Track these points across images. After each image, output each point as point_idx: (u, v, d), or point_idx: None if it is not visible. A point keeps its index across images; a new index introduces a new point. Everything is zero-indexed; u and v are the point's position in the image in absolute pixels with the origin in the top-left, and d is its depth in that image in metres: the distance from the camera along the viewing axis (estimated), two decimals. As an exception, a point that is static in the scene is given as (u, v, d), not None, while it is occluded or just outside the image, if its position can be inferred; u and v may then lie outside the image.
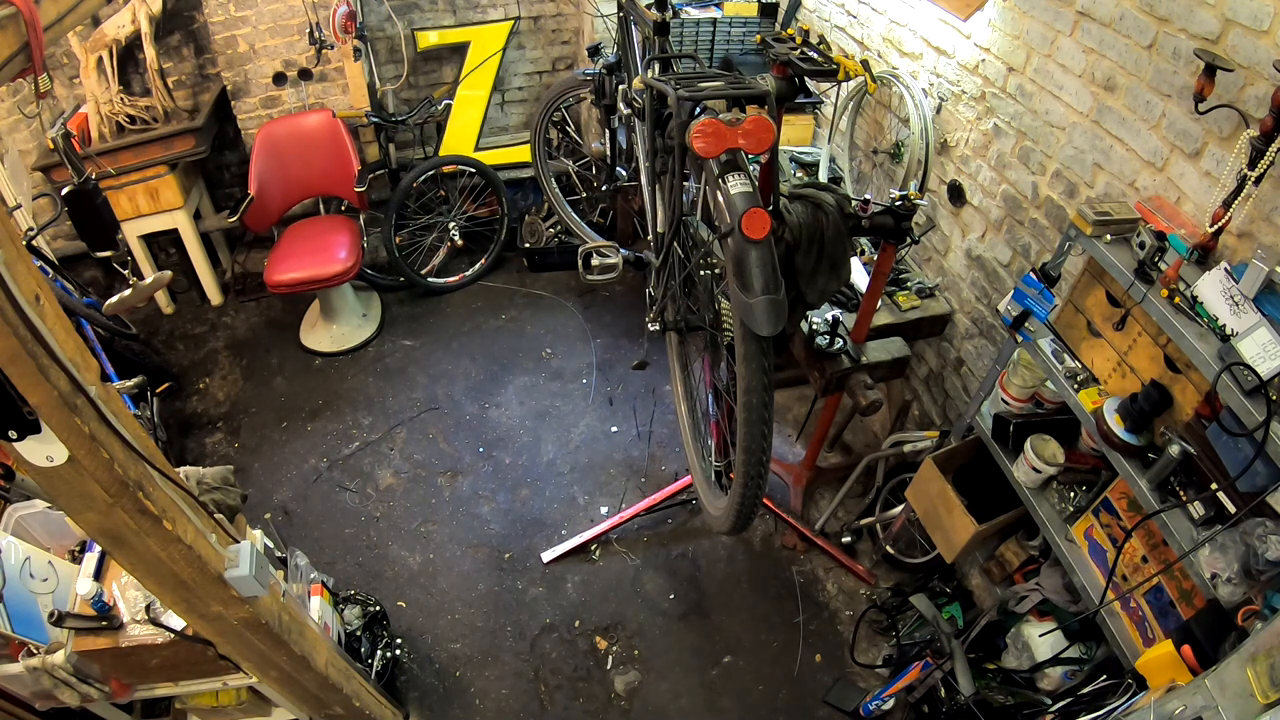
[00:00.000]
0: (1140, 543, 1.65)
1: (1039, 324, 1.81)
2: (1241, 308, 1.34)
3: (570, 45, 3.99)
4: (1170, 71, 1.60)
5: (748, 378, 1.55)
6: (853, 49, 2.86)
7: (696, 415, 2.52)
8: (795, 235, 1.84)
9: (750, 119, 1.50)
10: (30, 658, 1.59)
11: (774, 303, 1.45)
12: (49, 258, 2.80)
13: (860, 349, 2.22)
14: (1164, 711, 1.12)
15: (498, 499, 2.89)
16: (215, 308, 3.75)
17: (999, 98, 2.14)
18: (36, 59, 0.84)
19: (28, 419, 0.92)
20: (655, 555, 2.72)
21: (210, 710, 1.90)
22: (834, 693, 2.32)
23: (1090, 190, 1.89)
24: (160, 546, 1.17)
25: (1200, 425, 1.45)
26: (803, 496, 2.83)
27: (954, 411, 2.58)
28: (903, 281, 2.52)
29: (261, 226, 3.42)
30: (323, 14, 3.19)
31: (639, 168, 2.63)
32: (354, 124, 3.51)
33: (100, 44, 3.03)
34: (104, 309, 2.12)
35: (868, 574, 2.62)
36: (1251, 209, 1.45)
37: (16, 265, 0.86)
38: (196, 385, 3.38)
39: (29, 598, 1.62)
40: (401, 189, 3.53)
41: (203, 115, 3.29)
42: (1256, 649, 1.02)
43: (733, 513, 1.87)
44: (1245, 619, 1.30)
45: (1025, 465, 1.85)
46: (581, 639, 2.48)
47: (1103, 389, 1.72)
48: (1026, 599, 2.02)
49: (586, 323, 3.68)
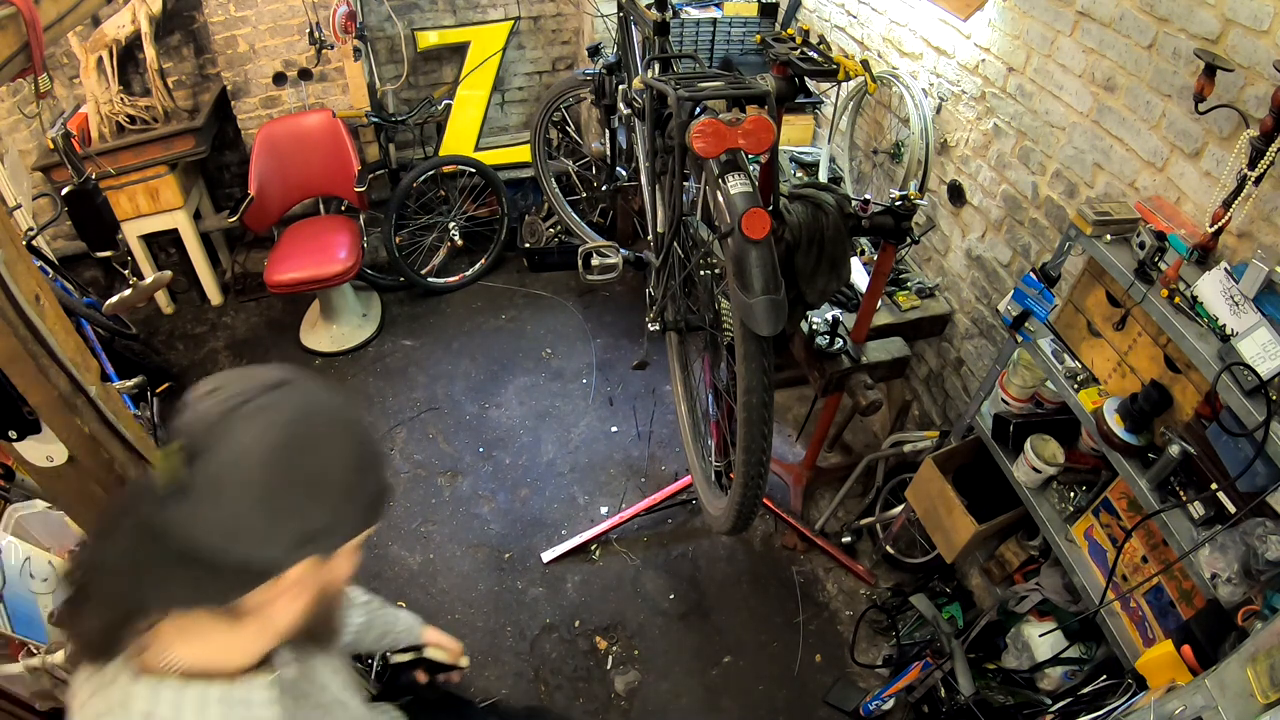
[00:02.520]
0: (1140, 543, 1.65)
1: (1039, 324, 1.81)
2: (1241, 308, 1.34)
3: (570, 45, 3.99)
4: (1170, 71, 1.60)
5: (748, 378, 1.55)
6: (853, 49, 2.86)
7: (696, 415, 2.52)
8: (795, 235, 1.84)
9: (750, 119, 1.50)
10: (30, 658, 1.59)
11: (774, 303, 1.45)
12: (49, 258, 2.80)
13: (860, 349, 2.22)
14: (1164, 711, 1.12)
15: (498, 499, 2.89)
16: (215, 308, 3.75)
17: (999, 98, 2.14)
18: (36, 59, 0.84)
19: (28, 419, 0.92)
20: (655, 555, 2.72)
21: (210, 710, 1.90)
22: (834, 693, 2.32)
23: (1090, 190, 1.89)
24: (160, 546, 1.17)
25: (1200, 425, 1.45)
26: (803, 496, 2.83)
27: (954, 411, 2.58)
28: (903, 281, 2.52)
29: (261, 226, 3.42)
30: (323, 14, 3.19)
31: (639, 168, 2.63)
32: (354, 124, 3.51)
33: (100, 44, 3.03)
34: (104, 309, 2.12)
35: (868, 574, 2.62)
36: (1251, 209, 1.45)
37: (16, 265, 0.86)
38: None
39: (29, 598, 1.62)
40: (401, 189, 3.53)
41: (203, 115, 3.29)
42: (1256, 649, 1.02)
43: (733, 513, 1.87)
44: (1245, 619, 1.30)
45: (1025, 465, 1.84)
46: (581, 639, 2.48)
47: (1103, 389, 1.72)
48: (1026, 599, 2.02)
49: (586, 323, 3.68)
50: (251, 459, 0.63)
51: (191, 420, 0.65)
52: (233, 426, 0.63)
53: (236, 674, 0.73)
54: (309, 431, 0.67)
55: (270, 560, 0.66)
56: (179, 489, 0.62)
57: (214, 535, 0.63)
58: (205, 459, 0.63)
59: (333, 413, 0.71)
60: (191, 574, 0.63)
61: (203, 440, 0.63)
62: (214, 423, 0.64)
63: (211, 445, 0.63)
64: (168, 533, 0.63)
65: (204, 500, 0.62)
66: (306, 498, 0.66)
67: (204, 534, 0.63)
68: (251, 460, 0.63)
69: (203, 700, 0.70)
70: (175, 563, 0.63)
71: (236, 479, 0.63)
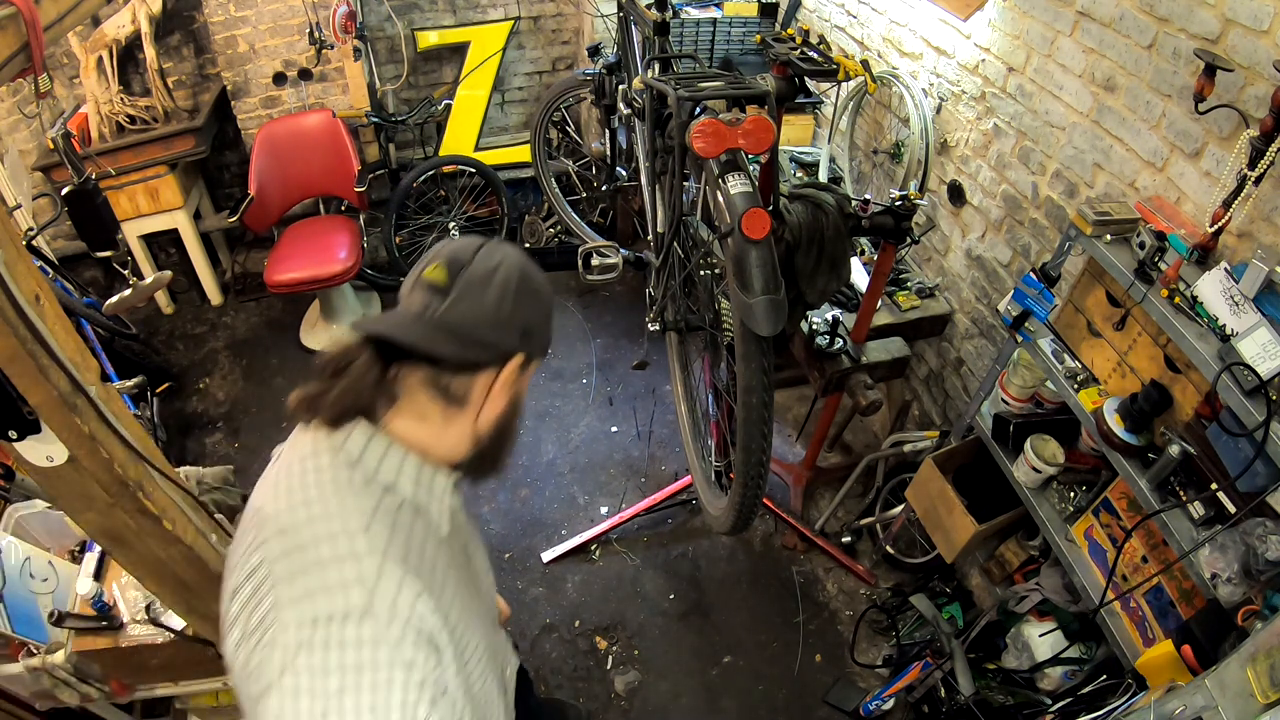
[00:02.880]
0: (1140, 543, 1.65)
1: (1039, 324, 1.81)
2: (1241, 308, 1.34)
3: (570, 45, 3.99)
4: (1170, 71, 1.60)
5: (748, 378, 1.55)
6: (853, 49, 2.86)
7: (696, 415, 2.52)
8: (795, 235, 1.84)
9: (750, 119, 1.50)
10: (30, 658, 1.59)
11: (774, 303, 1.46)
12: (49, 258, 2.80)
13: (860, 349, 2.22)
14: (1164, 711, 1.12)
15: (497, 499, 2.89)
16: (215, 308, 3.75)
17: (999, 98, 2.14)
18: (36, 59, 0.84)
19: (28, 419, 0.92)
20: (655, 555, 2.72)
21: (210, 710, 1.90)
22: (834, 693, 2.32)
23: (1090, 190, 1.89)
24: (160, 546, 1.17)
25: (1200, 425, 1.45)
26: (803, 496, 2.83)
27: (954, 411, 2.58)
28: (903, 281, 2.52)
29: (261, 226, 3.42)
30: (323, 14, 3.19)
31: (639, 168, 2.63)
32: (354, 124, 3.51)
33: (100, 44, 3.03)
34: (104, 309, 2.12)
35: (868, 574, 2.62)
36: (1251, 209, 1.45)
37: (16, 265, 0.86)
38: (196, 385, 3.38)
39: (29, 598, 1.62)
40: (401, 189, 3.52)
41: (203, 115, 3.29)
42: (1256, 649, 1.02)
43: (733, 513, 1.87)
44: (1245, 619, 1.30)
45: (1025, 465, 1.84)
46: (581, 639, 2.48)
47: (1103, 389, 1.72)
48: (1026, 599, 2.02)
49: (586, 323, 3.68)
50: (500, 272, 0.88)
51: (451, 250, 0.90)
52: (484, 252, 0.90)
53: (435, 461, 0.91)
54: (532, 265, 0.94)
55: (502, 343, 0.89)
56: (444, 290, 0.86)
57: (469, 318, 0.86)
58: (466, 270, 0.87)
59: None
60: (448, 341, 0.84)
61: (462, 259, 0.88)
62: (469, 249, 0.90)
63: (469, 262, 0.88)
64: (434, 317, 0.85)
65: (465, 297, 0.86)
66: (531, 305, 0.91)
67: (462, 317, 0.85)
68: (500, 273, 0.88)
69: (402, 461, 0.88)
70: (435, 329, 0.85)
71: (492, 281, 0.87)
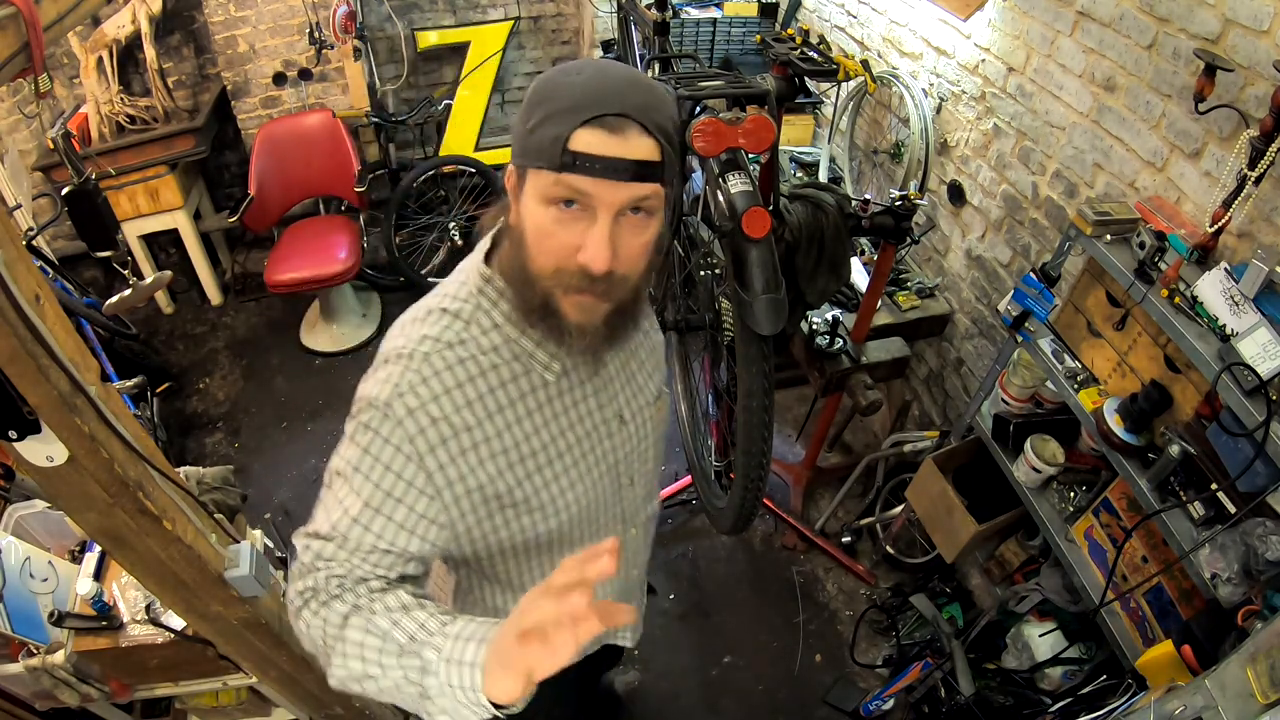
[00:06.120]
0: (1140, 543, 1.65)
1: (1039, 324, 1.81)
2: (1241, 308, 1.34)
3: (570, 45, 3.99)
4: (1170, 71, 1.60)
5: (748, 378, 1.55)
6: (853, 49, 2.86)
7: (696, 415, 2.52)
8: (795, 235, 1.84)
9: (750, 118, 1.50)
10: (30, 658, 1.59)
11: (774, 302, 1.46)
12: (49, 258, 2.80)
13: (860, 349, 2.22)
14: (1164, 711, 1.12)
15: (498, 499, 2.89)
16: (215, 308, 3.75)
17: (999, 98, 2.14)
18: (36, 59, 0.84)
19: (28, 419, 0.92)
20: (655, 555, 2.69)
21: (210, 710, 1.90)
22: (834, 693, 2.32)
23: (1090, 190, 1.89)
24: (160, 546, 1.17)
25: (1200, 425, 1.45)
26: (803, 496, 2.83)
27: (954, 411, 2.58)
28: (903, 281, 2.52)
29: (261, 226, 3.42)
30: (323, 14, 3.19)
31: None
32: (354, 124, 3.51)
33: (100, 44, 3.03)
34: (104, 309, 2.12)
35: (868, 574, 2.62)
36: (1251, 209, 1.45)
37: (16, 265, 0.86)
38: (196, 385, 3.38)
39: (29, 598, 1.62)
40: (401, 189, 3.52)
41: (203, 115, 3.29)
42: (1256, 649, 1.02)
43: (733, 513, 1.87)
44: (1245, 619, 1.30)
45: (1025, 465, 1.84)
46: (581, 639, 2.48)
47: (1103, 389, 1.72)
48: (1026, 599, 2.02)
49: (586, 323, 3.67)
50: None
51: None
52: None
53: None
54: (556, 71, 0.90)
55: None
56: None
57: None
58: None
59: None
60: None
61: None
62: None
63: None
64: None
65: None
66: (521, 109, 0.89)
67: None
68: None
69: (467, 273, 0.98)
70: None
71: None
